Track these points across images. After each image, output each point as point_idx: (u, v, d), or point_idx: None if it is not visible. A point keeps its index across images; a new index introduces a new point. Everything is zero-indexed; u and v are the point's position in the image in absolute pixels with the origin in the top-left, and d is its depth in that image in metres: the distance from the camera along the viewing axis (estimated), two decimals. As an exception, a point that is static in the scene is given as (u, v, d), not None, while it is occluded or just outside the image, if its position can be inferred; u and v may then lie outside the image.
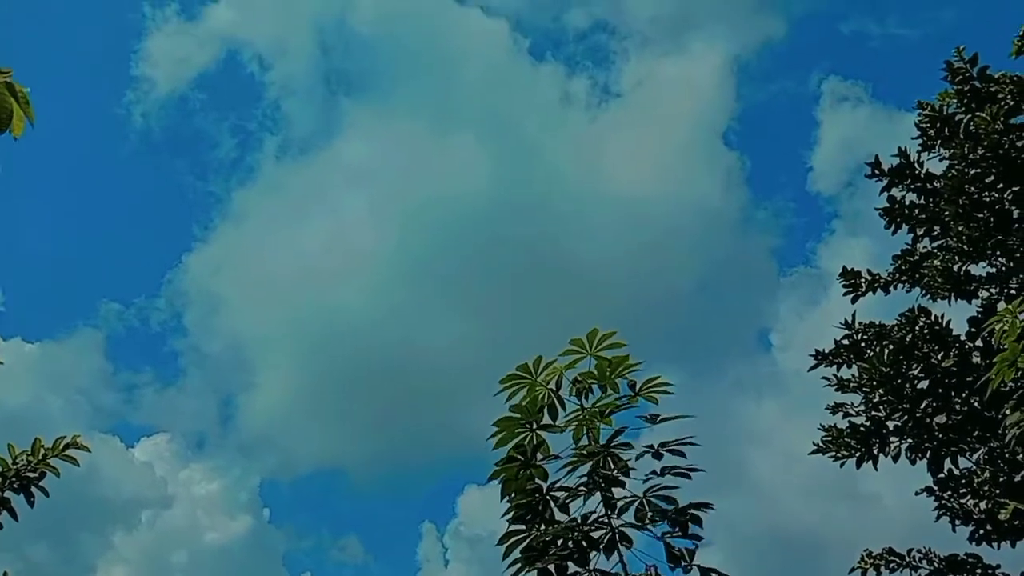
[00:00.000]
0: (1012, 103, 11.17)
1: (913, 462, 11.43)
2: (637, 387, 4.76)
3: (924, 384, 11.36)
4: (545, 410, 4.74)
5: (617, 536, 4.51)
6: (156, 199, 41.33)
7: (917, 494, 11.55)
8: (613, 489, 4.59)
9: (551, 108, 37.81)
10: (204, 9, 38.63)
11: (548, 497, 4.65)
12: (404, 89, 39.42)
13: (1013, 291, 11.31)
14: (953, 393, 11.24)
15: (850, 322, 11.94)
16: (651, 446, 4.69)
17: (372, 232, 37.50)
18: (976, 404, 11.11)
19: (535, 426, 4.76)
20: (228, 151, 38.80)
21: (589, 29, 38.37)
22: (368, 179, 38.85)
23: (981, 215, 11.20)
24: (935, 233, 11.81)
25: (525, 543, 4.65)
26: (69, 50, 39.35)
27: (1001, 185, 11.29)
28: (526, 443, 4.71)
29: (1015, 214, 11.41)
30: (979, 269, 11.59)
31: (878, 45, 36.14)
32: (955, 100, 11.54)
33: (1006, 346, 6.97)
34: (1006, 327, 6.91)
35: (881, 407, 11.52)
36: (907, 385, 11.33)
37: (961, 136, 11.38)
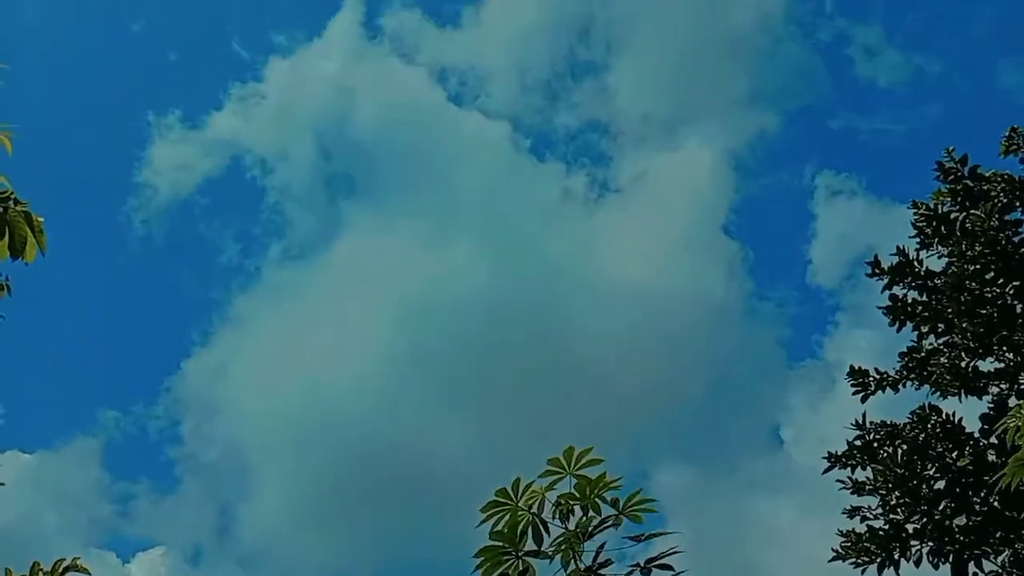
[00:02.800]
0: (1005, 200, 11.34)
1: (936, 566, 11.08)
2: (620, 505, 4.73)
3: (940, 484, 11.13)
4: (529, 535, 4.71)
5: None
6: (156, 305, 41.83)
7: (943, 600, 11.15)
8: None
9: (551, 206, 38.51)
10: (207, 117, 39.90)
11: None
12: (404, 191, 40.34)
13: (1023, 386, 11.19)
14: (971, 493, 10.99)
15: (861, 422, 11.80)
16: (637, 564, 4.62)
17: (374, 335, 37.66)
18: (996, 504, 10.84)
19: (520, 553, 4.71)
20: (230, 256, 39.58)
21: (583, 128, 39.43)
22: (369, 281, 39.27)
23: (984, 311, 11.20)
24: (940, 330, 11.78)
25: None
26: (73, 158, 40.71)
27: (1001, 281, 11.33)
28: (512, 571, 4.65)
29: (1019, 308, 11.40)
30: (987, 365, 11.51)
31: (867, 140, 36.96)
32: (949, 198, 11.72)
33: (1020, 444, 6.88)
34: (1020, 424, 6.83)
35: (899, 509, 11.25)
36: (923, 486, 11.10)
37: (958, 233, 11.50)
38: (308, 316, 37.67)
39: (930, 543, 11.08)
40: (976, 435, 11.28)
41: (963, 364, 11.38)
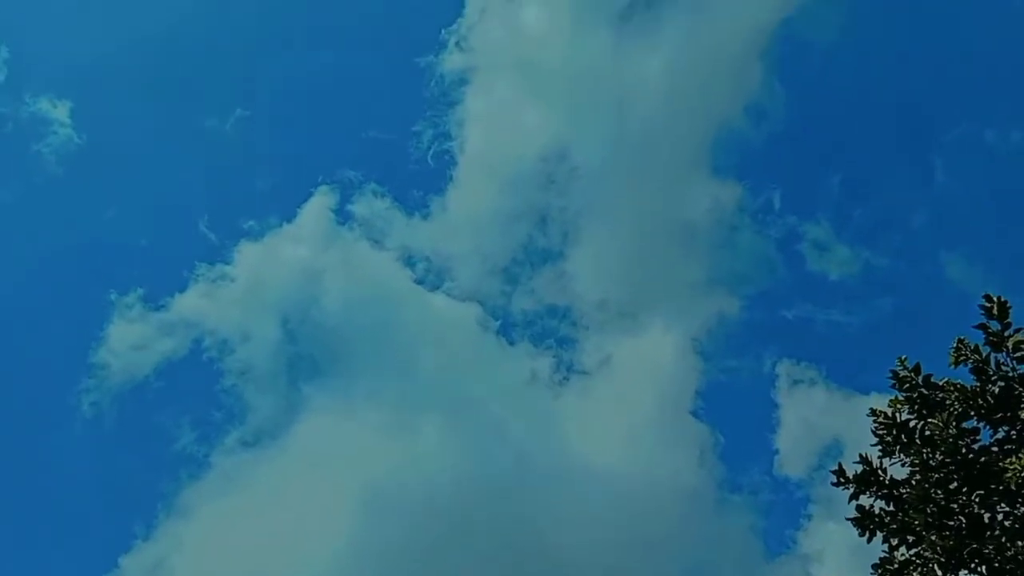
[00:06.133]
0: (960, 409, 11.48)
1: None
2: None
3: None
4: None
5: None
6: (98, 495, 40.02)
7: None
8: None
9: (518, 388, 38.50)
10: (171, 298, 39.86)
11: None
12: (368, 373, 40.13)
13: (1000, 602, 10.91)
14: None
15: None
16: None
17: (333, 521, 36.22)
18: None
19: None
20: (184, 444, 38.44)
21: (544, 313, 40.15)
22: (328, 468, 38.20)
23: (952, 523, 11.07)
24: (910, 541, 11.58)
25: None
26: (30, 335, 40.12)
27: (966, 490, 11.28)
28: None
29: (986, 519, 11.30)
30: (961, 578, 11.25)
31: (824, 330, 38.25)
32: (906, 406, 11.85)
33: None
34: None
35: None
36: None
37: (918, 442, 11.55)
38: (261, 506, 36.33)
39: None
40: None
41: (937, 578, 11.12)
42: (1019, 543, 10.81)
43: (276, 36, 46.68)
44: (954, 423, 11.39)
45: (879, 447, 11.99)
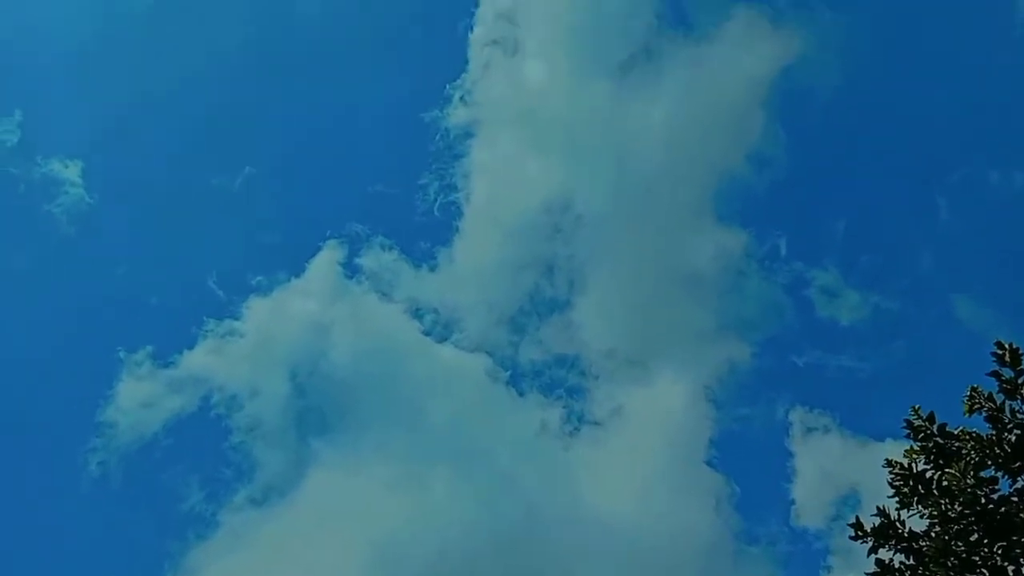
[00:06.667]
0: (977, 459, 11.31)
1: None
2: None
3: None
4: None
5: None
6: (103, 557, 39.47)
7: None
8: None
9: (528, 439, 38.14)
10: (180, 356, 39.82)
11: None
12: (378, 427, 39.84)
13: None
14: None
15: None
16: None
17: (342, 577, 35.61)
18: None
19: None
20: (191, 503, 38.03)
21: (552, 363, 39.96)
22: (338, 523, 37.71)
23: (974, 576, 10.83)
24: (932, 597, 11.31)
25: None
26: (38, 394, 40.03)
27: (987, 541, 11.05)
28: None
29: (1010, 571, 11.05)
30: (987, 634, 10.95)
31: (836, 376, 38.01)
32: (922, 456, 11.68)
33: None
34: None
35: None
36: None
37: (935, 493, 11.35)
38: (270, 564, 35.83)
39: None
40: None
41: (962, 635, 10.84)
42: (1044, 596, 10.56)
43: (283, 93, 47.46)
44: (971, 473, 11.21)
45: (896, 498, 11.78)
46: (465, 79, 43.88)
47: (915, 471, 11.65)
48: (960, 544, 11.06)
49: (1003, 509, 11.21)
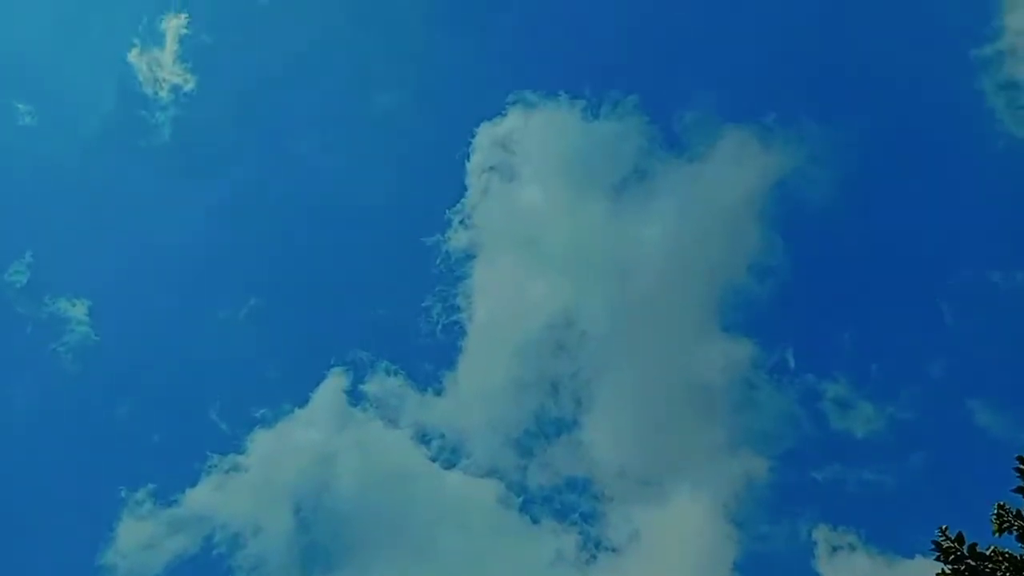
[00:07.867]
0: (1013, 581, 10.79)
1: None
2: None
3: None
4: None
5: None
6: None
7: None
8: None
9: (543, 569, 36.69)
10: (182, 494, 38.91)
11: None
12: (385, 559, 38.45)
13: None
14: None
15: None
16: None
17: None
18: None
19: None
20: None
21: (562, 486, 38.94)
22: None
23: None
24: None
25: None
26: (38, 540, 38.80)
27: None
28: None
29: None
30: None
31: (857, 491, 36.95)
32: (954, 581, 11.15)
33: None
34: None
35: None
36: None
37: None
38: None
39: None
40: None
41: None
42: None
43: (285, 223, 48.36)
44: (1008, 598, 10.67)
45: (933, 627, 11.19)
46: (464, 203, 44.79)
47: (949, 596, 11.11)
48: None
49: (1046, 635, 10.61)
